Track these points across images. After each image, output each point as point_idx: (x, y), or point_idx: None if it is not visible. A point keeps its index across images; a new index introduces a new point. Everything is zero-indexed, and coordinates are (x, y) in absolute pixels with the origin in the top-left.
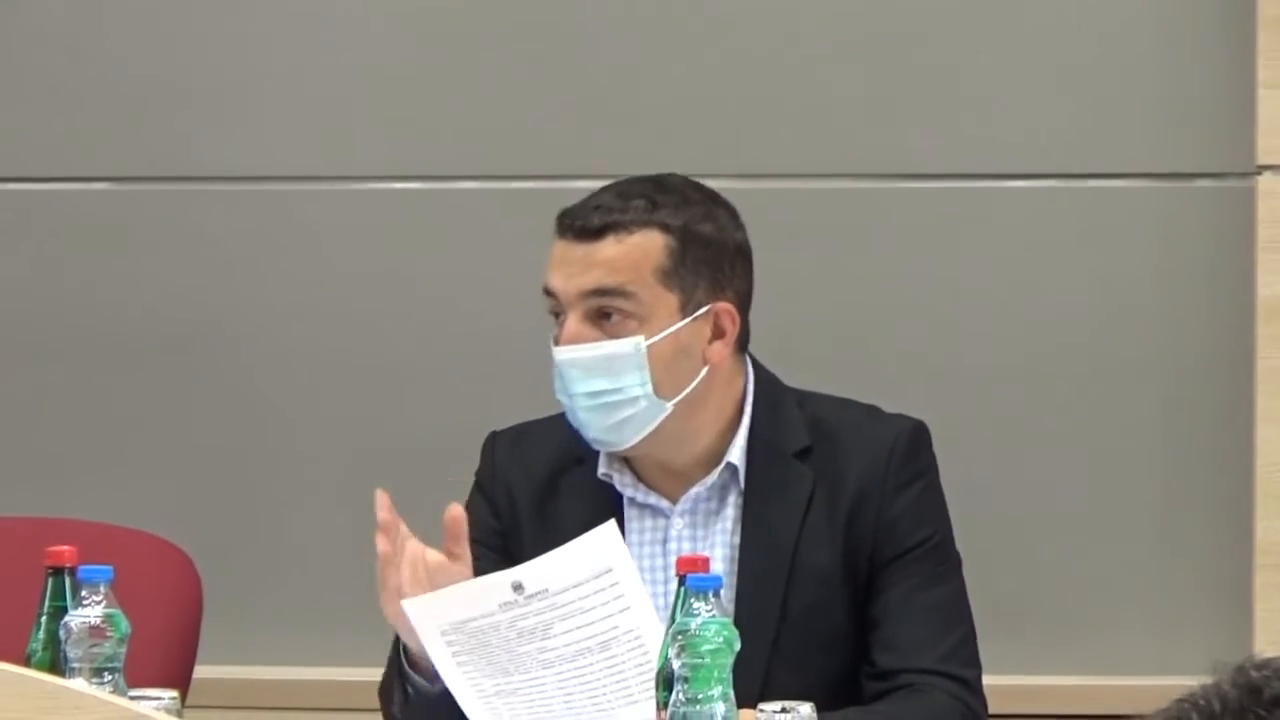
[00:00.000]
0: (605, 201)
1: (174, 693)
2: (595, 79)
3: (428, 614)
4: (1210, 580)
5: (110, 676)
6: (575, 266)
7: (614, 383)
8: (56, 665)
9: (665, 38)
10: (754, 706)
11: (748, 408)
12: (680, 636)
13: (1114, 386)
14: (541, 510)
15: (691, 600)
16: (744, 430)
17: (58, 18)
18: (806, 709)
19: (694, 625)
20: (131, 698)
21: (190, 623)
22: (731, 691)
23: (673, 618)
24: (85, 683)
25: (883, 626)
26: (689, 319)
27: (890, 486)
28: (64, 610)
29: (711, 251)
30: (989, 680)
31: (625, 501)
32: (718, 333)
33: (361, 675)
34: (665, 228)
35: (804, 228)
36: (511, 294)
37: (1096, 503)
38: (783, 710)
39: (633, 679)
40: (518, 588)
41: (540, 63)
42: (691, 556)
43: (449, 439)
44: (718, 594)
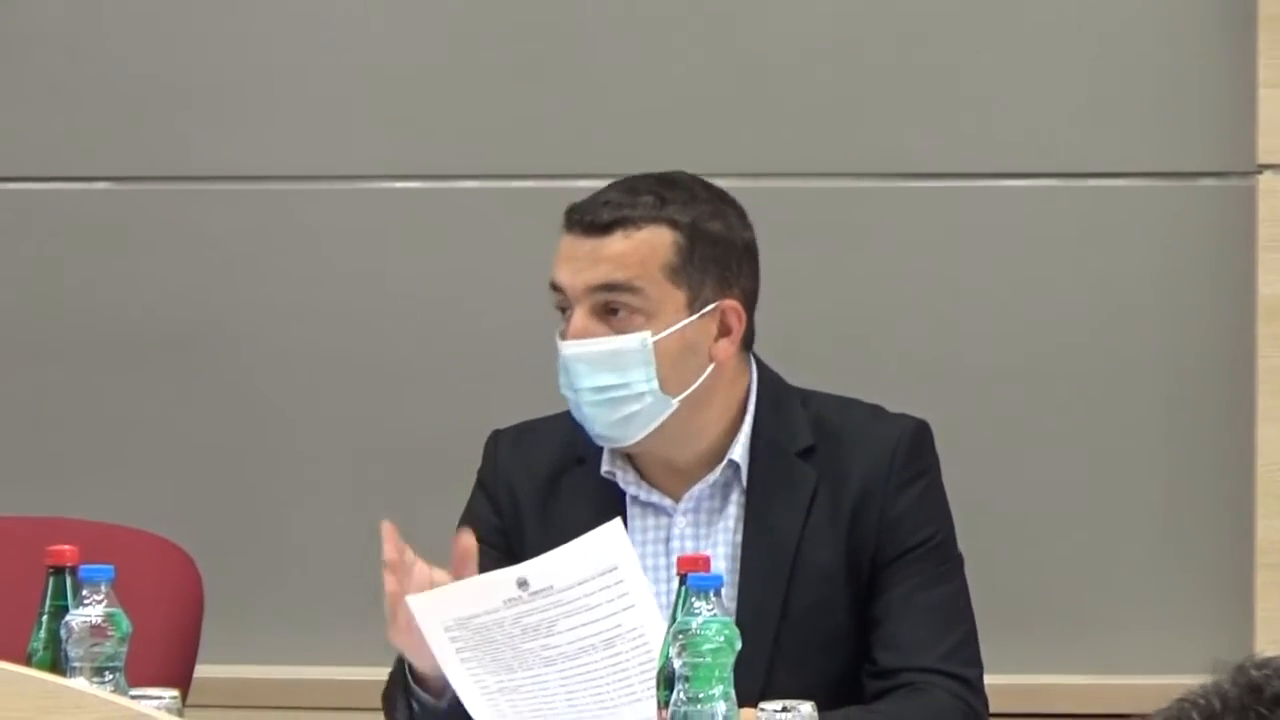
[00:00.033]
0: (614, 197)
1: (175, 692)
2: (596, 78)
3: (432, 610)
4: (1211, 579)
5: (111, 676)
6: (583, 261)
7: (620, 378)
8: (57, 664)
9: (666, 37)
10: (755, 705)
11: (751, 406)
12: (681, 636)
13: (1115, 385)
14: (544, 509)
15: (692, 599)
16: (747, 428)
17: (58, 17)
18: (807, 708)
19: (695, 624)
20: (132, 697)
21: (191, 622)
22: (733, 691)
23: (673, 617)
24: (86, 682)
25: (884, 625)
26: (696, 316)
27: (893, 486)
28: (65, 609)
29: (720, 249)
30: (990, 679)
31: (628, 500)
32: (724, 330)
33: (362, 674)
34: (674, 224)
35: (805, 227)
36: (512, 293)
37: (1097, 502)
38: (784, 709)
39: (636, 677)
40: (523, 584)
41: (541, 62)
42: (692, 556)
43: (450, 438)
44: (718, 593)
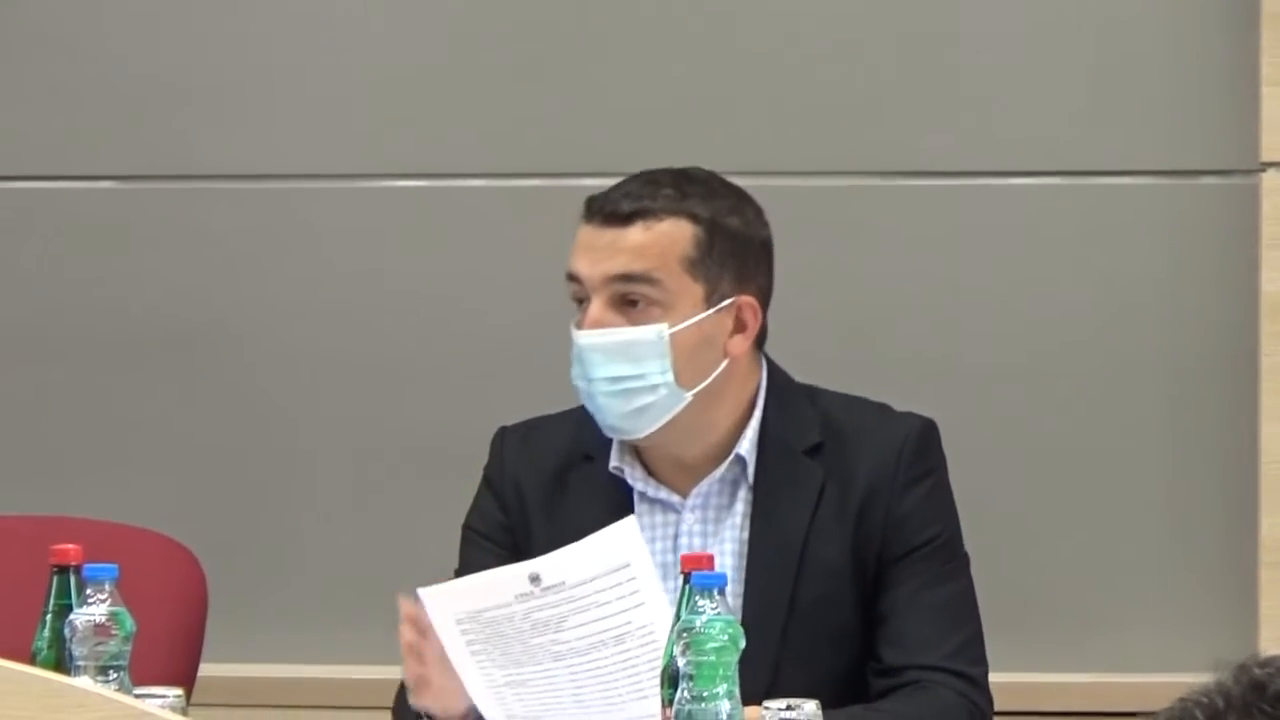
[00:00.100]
0: (634, 189)
1: (179, 691)
2: (597, 76)
3: (444, 603)
4: (1215, 577)
5: (115, 675)
6: (602, 252)
7: (635, 369)
8: (61, 663)
9: (668, 35)
10: (760, 703)
11: (759, 403)
12: (685, 634)
13: (1118, 383)
14: (551, 505)
15: (696, 597)
16: (755, 424)
17: (60, 16)
18: (811, 706)
19: (699, 623)
20: (136, 696)
21: (195, 621)
22: (737, 689)
23: (677, 615)
24: (90, 681)
25: (889, 623)
26: (712, 310)
27: (899, 484)
28: (69, 608)
29: (738, 244)
30: (994, 677)
31: (635, 496)
32: (739, 326)
33: (365, 673)
34: (694, 218)
35: (806, 226)
36: (515, 292)
37: (1100, 500)
38: (788, 708)
39: (644, 674)
40: (535, 579)
41: (542, 60)
42: (696, 554)
43: (453, 437)
44: (722, 592)
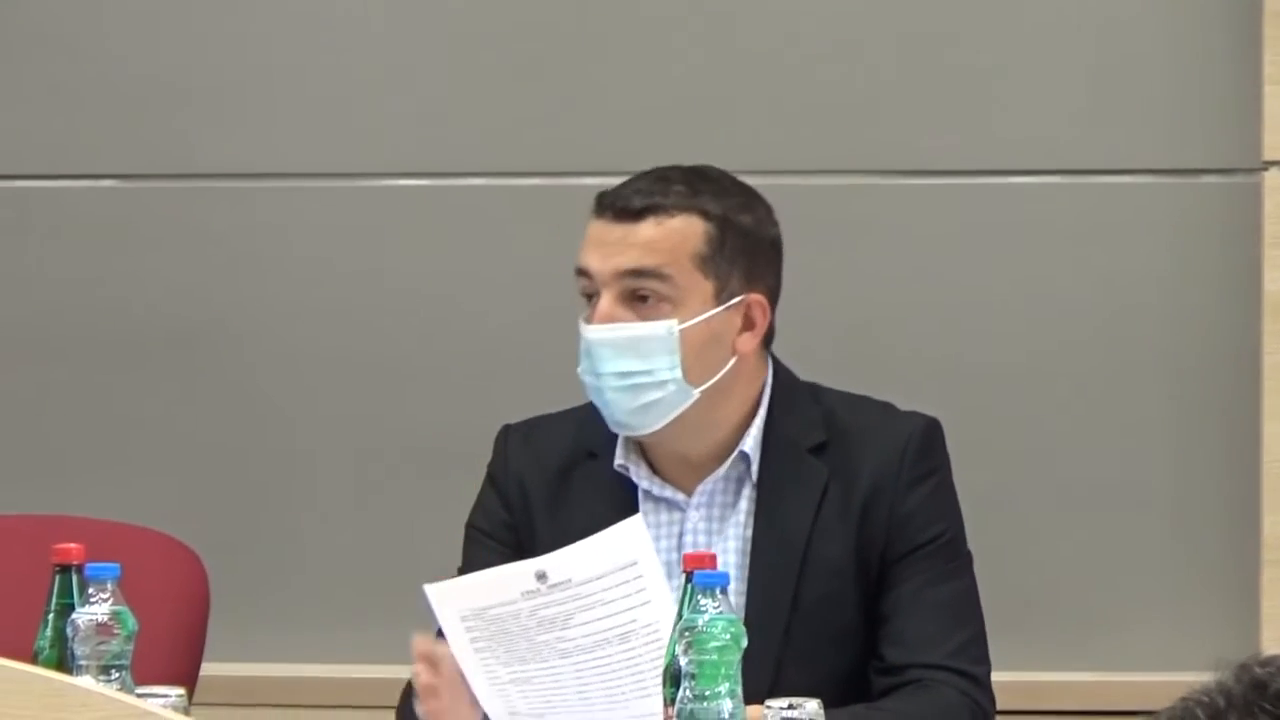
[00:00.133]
0: (646, 185)
1: (181, 690)
2: (598, 75)
3: (449, 599)
4: (1217, 576)
5: (117, 674)
6: (613, 247)
7: (644, 364)
8: (64, 663)
9: (668, 35)
10: (763, 702)
11: (765, 401)
12: (687, 633)
13: (1120, 382)
14: (554, 503)
15: (699, 596)
16: (759, 421)
17: (60, 16)
18: (813, 705)
19: (701, 622)
20: (138, 695)
21: (197, 620)
22: (739, 688)
23: (680, 614)
24: (92, 680)
25: (892, 621)
26: (722, 307)
27: (903, 483)
28: (71, 608)
29: (749, 242)
30: (996, 676)
31: (640, 494)
32: (748, 324)
33: (367, 672)
34: (705, 214)
35: (807, 225)
36: (516, 291)
37: (1102, 499)
38: (790, 706)
39: (649, 672)
40: (541, 577)
41: (542, 60)
42: (698, 553)
43: (454, 436)
44: (724, 591)
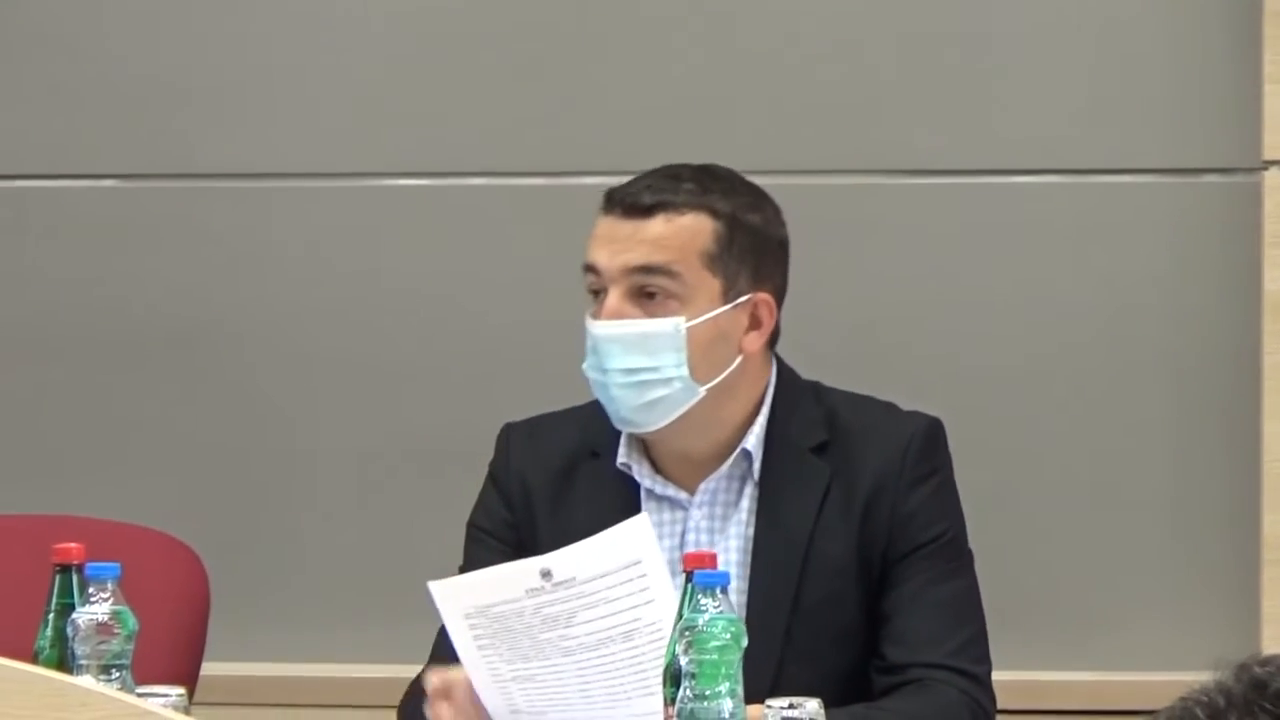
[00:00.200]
0: (656, 182)
1: (181, 689)
2: (598, 75)
3: (453, 596)
4: (1217, 576)
5: (118, 673)
6: (622, 243)
7: (651, 361)
8: (64, 662)
9: (668, 34)
10: (764, 701)
11: (768, 400)
12: (688, 633)
13: (1120, 382)
14: (557, 502)
15: (699, 596)
16: (762, 419)
17: (60, 16)
18: (814, 704)
19: (701, 621)
20: (139, 694)
21: (197, 619)
22: (739, 688)
23: (680, 614)
24: (93, 680)
25: (894, 620)
26: (729, 306)
27: (905, 482)
28: (71, 607)
29: (757, 241)
30: (996, 675)
31: (642, 493)
32: (754, 323)
33: (367, 672)
34: (715, 213)
35: (808, 224)
36: (516, 291)
37: (1103, 498)
38: (790, 706)
39: (651, 670)
40: (546, 575)
41: (542, 59)
42: (699, 553)
43: (454, 436)
44: (725, 590)
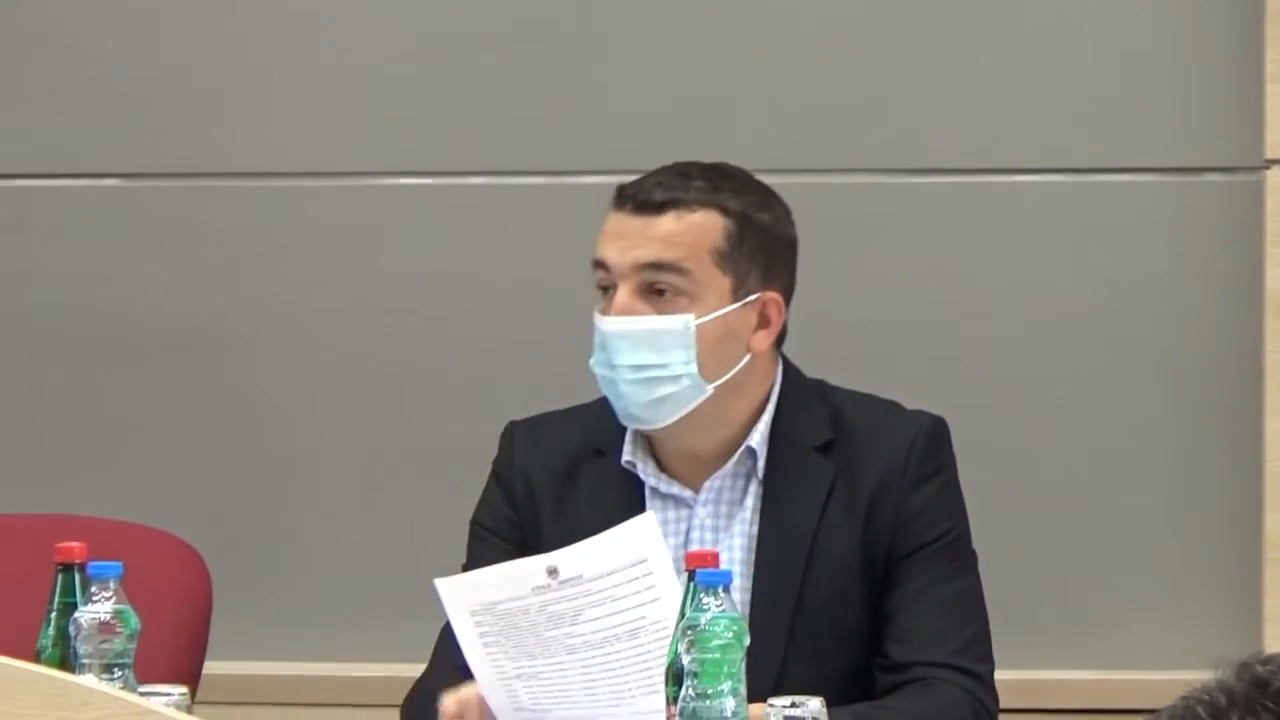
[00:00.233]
0: (667, 179)
1: (184, 688)
2: (599, 74)
3: (459, 594)
4: (1219, 575)
5: (120, 672)
6: (632, 239)
7: (659, 358)
8: (66, 661)
9: (668, 34)
10: (767, 700)
11: (773, 399)
12: (690, 631)
13: (1122, 381)
14: (561, 500)
15: (701, 595)
16: (767, 418)
17: (61, 16)
18: (816, 703)
19: (703, 620)
20: (141, 693)
21: (200, 619)
22: (742, 687)
23: (682, 612)
24: (95, 679)
25: (897, 619)
26: (739, 304)
27: (909, 481)
28: (74, 606)
29: (767, 240)
30: (998, 674)
31: (647, 491)
32: (763, 322)
33: (369, 671)
34: (725, 210)
35: (808, 224)
36: (517, 290)
37: (1105, 497)
38: (792, 705)
39: (656, 669)
40: (552, 572)
41: (543, 59)
42: (701, 551)
43: (455, 435)
44: (727, 589)
